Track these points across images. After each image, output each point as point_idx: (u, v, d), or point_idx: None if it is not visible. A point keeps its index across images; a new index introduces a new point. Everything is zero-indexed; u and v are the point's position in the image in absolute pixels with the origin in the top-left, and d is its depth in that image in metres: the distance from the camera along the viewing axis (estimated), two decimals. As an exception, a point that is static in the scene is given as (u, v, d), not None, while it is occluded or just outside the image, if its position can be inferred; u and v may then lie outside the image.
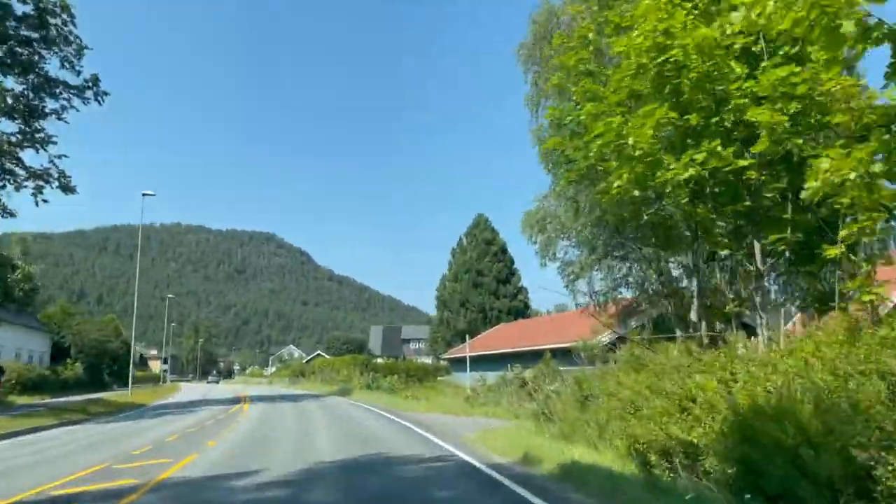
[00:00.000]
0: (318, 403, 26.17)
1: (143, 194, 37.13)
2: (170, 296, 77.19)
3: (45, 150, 23.01)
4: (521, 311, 50.95)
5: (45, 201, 23.22)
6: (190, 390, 56.34)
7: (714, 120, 9.52)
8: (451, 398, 25.63)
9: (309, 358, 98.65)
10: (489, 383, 25.20)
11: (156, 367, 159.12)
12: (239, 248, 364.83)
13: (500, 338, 41.24)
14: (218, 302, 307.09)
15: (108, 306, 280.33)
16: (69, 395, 38.32)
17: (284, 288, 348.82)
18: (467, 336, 39.46)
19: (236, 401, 30.93)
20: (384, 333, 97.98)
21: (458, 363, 44.31)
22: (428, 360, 58.58)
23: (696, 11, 9.77)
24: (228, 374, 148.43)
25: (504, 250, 52.40)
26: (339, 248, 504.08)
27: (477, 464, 10.09)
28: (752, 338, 9.95)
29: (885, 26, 3.98)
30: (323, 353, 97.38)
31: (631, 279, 20.02)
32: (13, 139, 22.48)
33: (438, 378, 44.63)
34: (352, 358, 49.68)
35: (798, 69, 8.17)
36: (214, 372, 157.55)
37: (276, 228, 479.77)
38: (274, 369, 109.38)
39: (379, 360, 53.33)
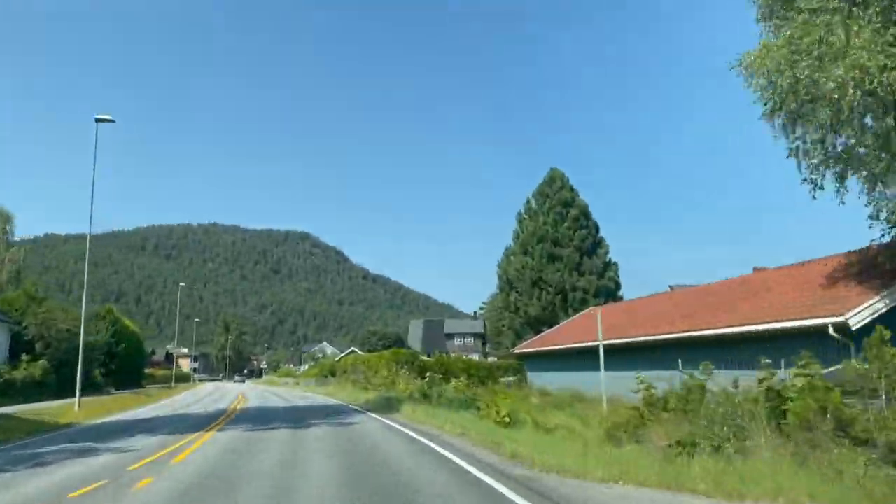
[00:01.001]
0: (336, 439, 13.25)
1: (97, 119, 25.23)
2: (181, 284, 65.34)
3: None
4: (612, 292, 37.99)
5: None
6: (190, 394, 44.81)
7: None
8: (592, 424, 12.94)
9: (342, 355, 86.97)
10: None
11: (186, 365, 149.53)
12: (275, 248, 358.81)
13: (593, 327, 28.39)
14: (255, 301, 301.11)
15: (145, 306, 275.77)
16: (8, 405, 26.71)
17: (320, 287, 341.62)
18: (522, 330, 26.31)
19: (212, 419, 18.52)
20: (425, 328, 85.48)
21: (536, 360, 31.47)
22: (474, 357, 45.80)
23: None
24: (259, 374, 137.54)
25: (587, 214, 39.45)
26: (373, 247, 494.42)
27: None
28: None
29: None
30: (357, 350, 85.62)
31: None
32: None
33: (500, 379, 32.12)
34: (392, 353, 37.18)
35: None
36: (244, 371, 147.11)
37: (312, 227, 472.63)
38: (306, 367, 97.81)
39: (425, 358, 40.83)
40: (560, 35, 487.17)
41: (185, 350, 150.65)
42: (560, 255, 37.29)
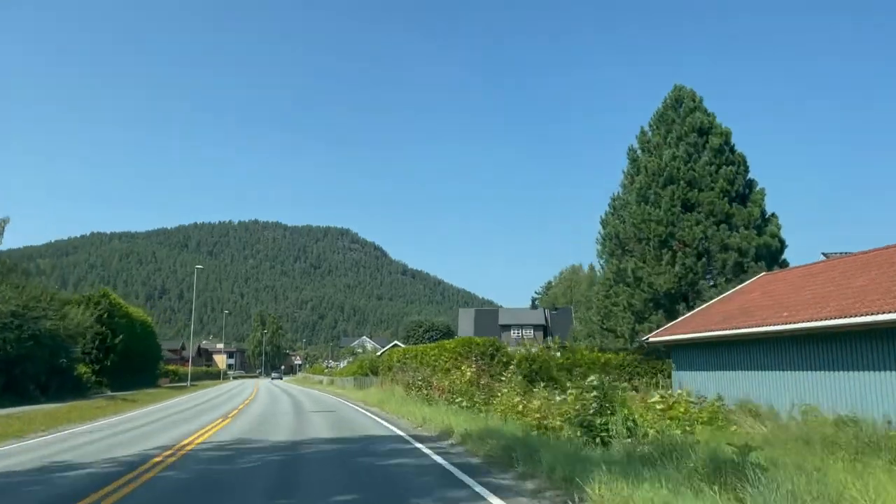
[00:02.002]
0: None
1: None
2: (198, 266, 54.68)
3: None
4: (775, 254, 25.48)
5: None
6: (186, 399, 33.80)
7: None
8: None
9: (383, 349, 75.52)
10: None
11: (221, 362, 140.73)
12: (314, 244, 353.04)
13: (782, 302, 16.57)
14: (294, 297, 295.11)
15: (188, 302, 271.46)
16: None
17: (359, 282, 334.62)
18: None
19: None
20: (477, 318, 73.36)
21: (687, 353, 19.30)
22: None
23: None
24: (294, 370, 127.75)
25: (731, 145, 26.97)
26: (412, 242, 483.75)
27: None
28: None
29: None
30: (399, 343, 74.23)
31: None
32: None
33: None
34: (461, 343, 25.18)
35: None
36: (281, 368, 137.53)
37: (351, 223, 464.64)
38: (345, 364, 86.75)
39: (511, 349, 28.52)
40: None
41: (221, 345, 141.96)
42: (699, 202, 25.00)
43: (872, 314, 12.24)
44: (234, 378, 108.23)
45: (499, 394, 14.98)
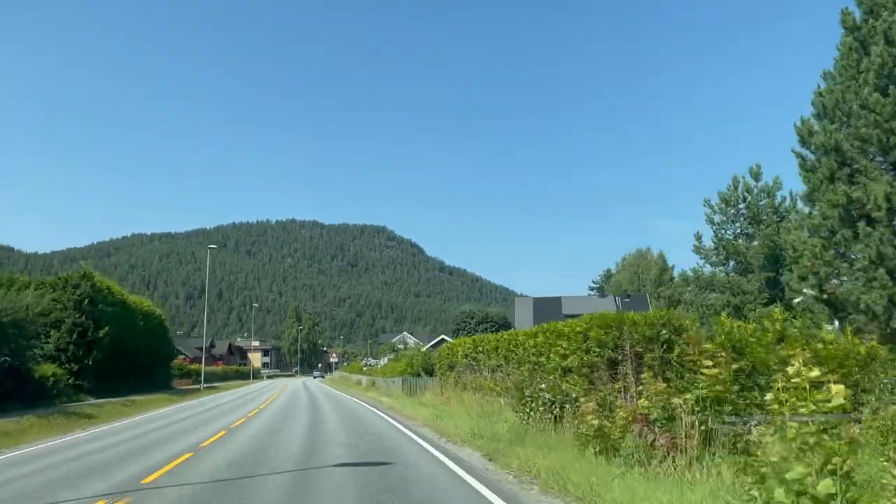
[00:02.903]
0: None
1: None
2: (210, 246, 44.38)
3: None
4: None
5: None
6: (193, 407, 24.31)
7: None
8: None
9: (432, 343, 65.29)
10: None
11: (257, 360, 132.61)
12: (351, 242, 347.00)
13: None
14: (332, 295, 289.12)
15: (227, 301, 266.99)
16: None
17: (396, 280, 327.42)
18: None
19: None
20: (536, 308, 62.55)
21: None
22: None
23: None
24: (331, 369, 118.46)
25: None
26: (448, 239, 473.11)
27: None
28: None
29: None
30: (446, 338, 64.04)
31: None
32: None
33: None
34: (602, 323, 14.37)
35: None
36: (318, 366, 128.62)
37: (387, 221, 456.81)
38: (384, 361, 76.77)
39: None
40: None
41: (256, 343, 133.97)
42: None
43: None
44: (268, 377, 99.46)
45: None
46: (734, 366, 9.99)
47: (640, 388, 11.17)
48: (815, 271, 15.78)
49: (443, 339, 64.01)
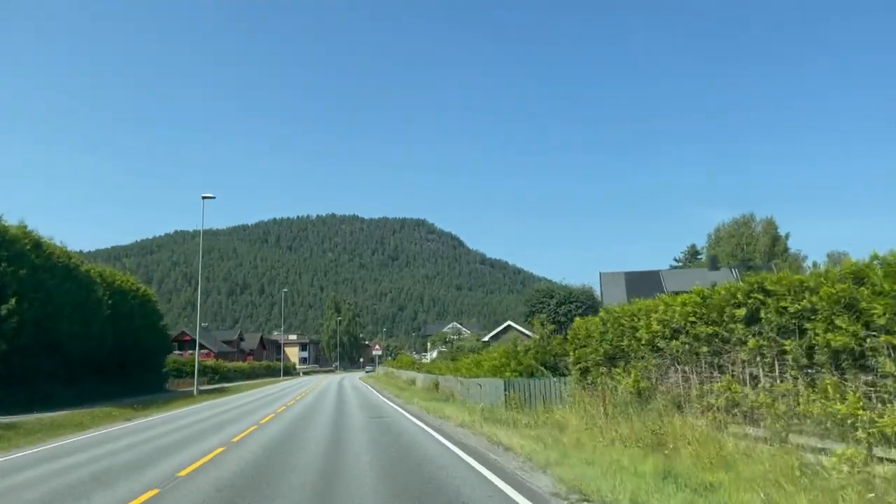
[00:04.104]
0: None
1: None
2: (207, 196, 30.48)
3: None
4: None
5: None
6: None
7: None
8: None
9: (493, 334, 52.14)
10: None
11: (294, 354, 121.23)
12: (391, 236, 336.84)
13: None
14: (373, 289, 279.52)
15: (268, 297, 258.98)
16: None
17: (437, 273, 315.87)
18: None
19: None
20: (629, 284, 48.28)
21: None
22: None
23: None
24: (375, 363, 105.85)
25: None
26: (490, 232, 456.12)
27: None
28: None
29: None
30: (514, 325, 50.61)
31: None
32: None
33: None
34: None
35: None
36: (359, 360, 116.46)
37: (427, 214, 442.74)
38: (435, 354, 63.77)
39: None
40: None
41: (294, 336, 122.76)
42: None
43: None
44: (304, 373, 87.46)
45: None
46: None
47: None
48: None
49: (509, 327, 50.53)
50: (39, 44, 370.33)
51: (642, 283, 47.55)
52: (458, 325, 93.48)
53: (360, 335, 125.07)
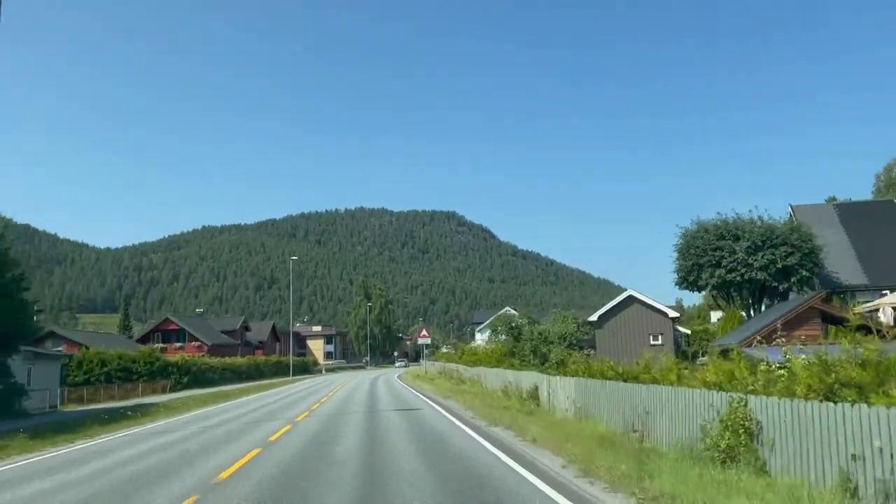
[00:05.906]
0: None
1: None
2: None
3: None
4: None
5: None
6: None
7: None
8: None
9: (611, 305, 32.43)
10: None
11: (318, 348, 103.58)
12: (421, 229, 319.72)
13: None
14: (404, 282, 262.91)
15: (296, 291, 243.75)
16: None
17: (469, 265, 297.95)
18: None
19: None
20: (843, 216, 29.06)
21: None
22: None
23: None
24: (415, 357, 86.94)
25: None
26: (520, 223, 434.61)
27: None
28: None
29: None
30: (637, 294, 31.25)
31: None
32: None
33: None
34: None
35: None
36: (394, 354, 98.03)
37: (457, 206, 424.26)
38: (488, 338, 44.29)
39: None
40: None
41: (318, 328, 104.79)
42: None
43: None
44: (327, 370, 69.19)
45: None
46: None
47: None
48: None
49: (631, 298, 31.40)
50: (64, 53, 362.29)
51: (866, 217, 27.91)
52: (510, 310, 73.19)
53: (394, 326, 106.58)
